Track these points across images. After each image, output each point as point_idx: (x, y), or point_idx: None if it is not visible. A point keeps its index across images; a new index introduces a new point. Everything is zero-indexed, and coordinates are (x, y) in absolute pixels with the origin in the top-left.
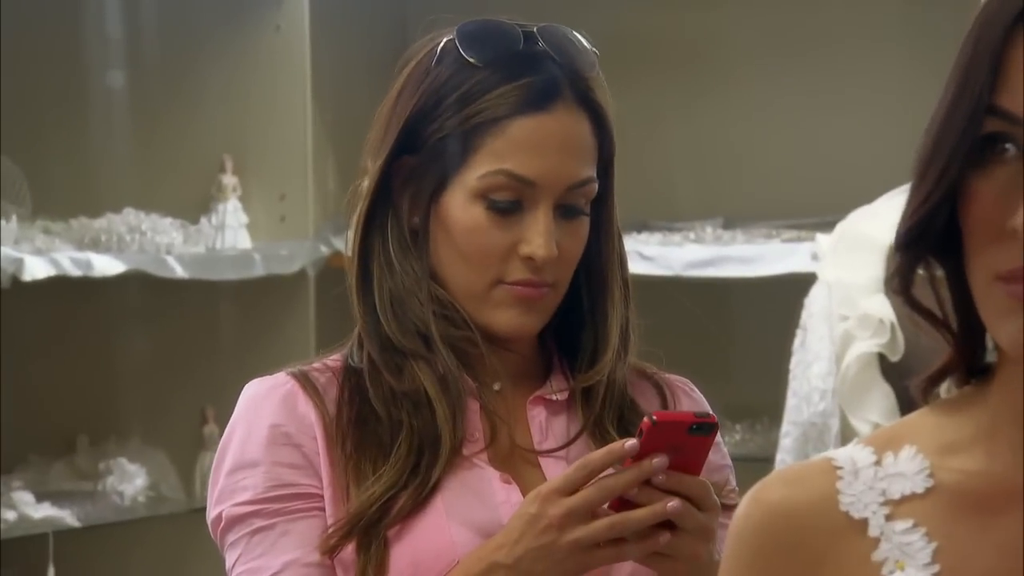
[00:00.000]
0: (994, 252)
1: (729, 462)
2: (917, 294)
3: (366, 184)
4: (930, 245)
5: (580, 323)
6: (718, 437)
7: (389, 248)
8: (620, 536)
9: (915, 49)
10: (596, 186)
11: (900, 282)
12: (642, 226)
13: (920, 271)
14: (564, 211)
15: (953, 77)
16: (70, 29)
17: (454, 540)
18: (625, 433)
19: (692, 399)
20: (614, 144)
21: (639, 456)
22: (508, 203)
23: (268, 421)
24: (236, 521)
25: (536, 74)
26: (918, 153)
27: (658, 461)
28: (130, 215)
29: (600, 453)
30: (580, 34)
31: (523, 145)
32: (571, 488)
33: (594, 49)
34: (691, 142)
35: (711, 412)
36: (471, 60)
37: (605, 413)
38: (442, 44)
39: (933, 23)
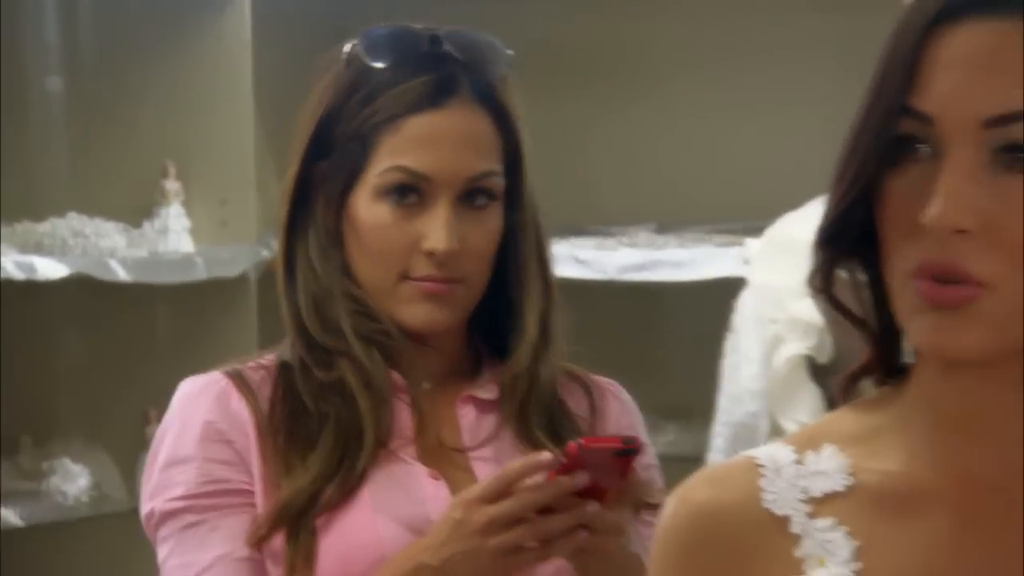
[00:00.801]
0: (908, 249)
1: (655, 462)
2: (840, 296)
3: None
4: (848, 243)
5: (508, 322)
6: (646, 439)
7: (309, 251)
8: (541, 539)
9: (840, 58)
10: (500, 180)
11: (820, 279)
12: (577, 231)
13: (843, 273)
14: (467, 205)
15: (873, 80)
16: (13, 34)
17: (380, 533)
18: (554, 434)
19: (620, 401)
20: (521, 141)
21: (563, 470)
22: (409, 198)
23: (202, 418)
24: (168, 516)
25: (434, 73)
26: (840, 154)
27: (579, 480)
28: (74, 219)
29: (517, 465)
30: (492, 37)
31: (418, 141)
32: (492, 497)
33: (508, 51)
34: (625, 149)
35: (636, 437)
36: (373, 63)
37: (531, 411)
38: (349, 49)
39: (857, 32)
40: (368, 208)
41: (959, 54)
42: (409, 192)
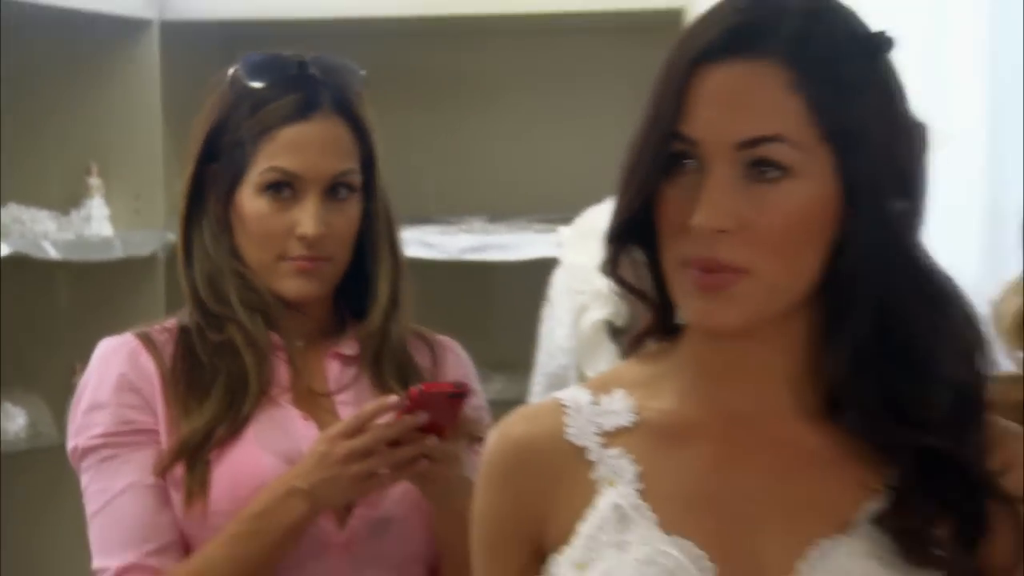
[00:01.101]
0: (680, 243)
1: (484, 404)
2: (627, 274)
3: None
4: (632, 239)
5: (365, 291)
6: (477, 387)
7: (204, 237)
8: (391, 467)
9: (627, 81)
10: (358, 176)
11: (610, 267)
12: (426, 220)
13: (629, 257)
14: (332, 197)
15: (648, 107)
16: None
17: (263, 463)
18: (403, 382)
19: (457, 356)
20: (374, 145)
21: (408, 410)
22: (283, 193)
23: (116, 371)
24: (89, 451)
25: (302, 91)
26: (622, 167)
27: (420, 419)
28: (13, 208)
29: (370, 407)
30: (349, 61)
31: (290, 146)
32: (351, 433)
33: (362, 72)
34: (463, 154)
35: (466, 383)
36: (252, 83)
37: (384, 362)
38: (232, 72)
39: (639, 61)
40: (251, 201)
41: (717, 89)
42: (284, 188)
